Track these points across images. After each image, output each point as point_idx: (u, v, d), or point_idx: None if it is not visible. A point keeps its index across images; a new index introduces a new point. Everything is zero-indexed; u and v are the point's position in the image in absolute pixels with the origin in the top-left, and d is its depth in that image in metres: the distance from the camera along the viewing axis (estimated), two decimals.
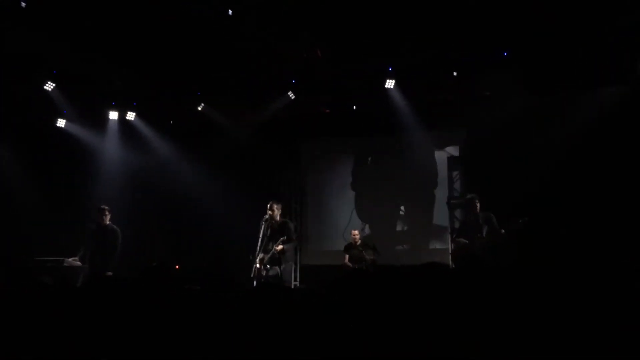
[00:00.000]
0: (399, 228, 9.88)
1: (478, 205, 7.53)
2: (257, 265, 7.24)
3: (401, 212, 10.15)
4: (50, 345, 2.09)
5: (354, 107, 9.81)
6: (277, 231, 7.39)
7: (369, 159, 10.42)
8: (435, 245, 9.45)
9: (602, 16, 7.09)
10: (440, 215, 9.66)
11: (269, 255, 7.29)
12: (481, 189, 7.81)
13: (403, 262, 8.07)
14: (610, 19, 7.11)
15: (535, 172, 8.08)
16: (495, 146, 8.67)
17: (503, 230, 7.22)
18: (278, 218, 7.51)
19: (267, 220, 7.41)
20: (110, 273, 7.30)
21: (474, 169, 9.07)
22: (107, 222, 7.82)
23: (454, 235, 8.22)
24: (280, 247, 7.27)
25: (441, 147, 9.77)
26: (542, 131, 8.30)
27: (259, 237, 7.35)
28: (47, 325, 2.17)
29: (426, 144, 9.62)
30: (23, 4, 7.31)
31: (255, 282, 7.14)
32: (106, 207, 7.87)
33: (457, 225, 8.73)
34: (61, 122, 10.00)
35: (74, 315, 2.16)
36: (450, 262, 8.03)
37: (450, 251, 8.64)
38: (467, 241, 7.42)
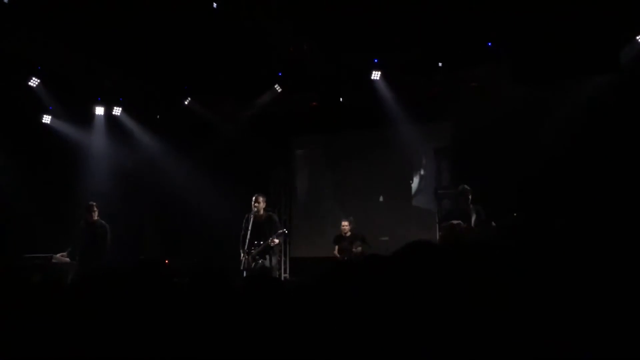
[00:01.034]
0: (386, 219, 9.91)
1: (471, 197, 7.56)
2: (246, 259, 7.29)
3: (388, 204, 10.19)
4: (38, 343, 2.09)
5: (341, 100, 9.83)
6: (263, 224, 7.45)
7: (357, 151, 10.45)
8: (423, 235, 9.48)
9: (587, 3, 7.14)
10: (427, 206, 9.72)
11: (258, 248, 7.33)
12: (468, 180, 7.86)
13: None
14: (596, 6, 7.15)
15: (523, 163, 8.12)
16: (482, 137, 8.69)
17: (494, 223, 7.25)
18: (262, 211, 7.56)
19: (253, 213, 7.46)
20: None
21: (461, 160, 9.13)
22: (96, 218, 7.80)
23: (441, 224, 8.26)
24: (277, 240, 7.38)
25: (429, 138, 9.81)
26: (530, 122, 8.35)
27: (244, 230, 7.41)
28: (35, 323, 2.17)
29: (413, 135, 9.65)
30: (5, 0, 7.24)
31: (245, 274, 7.18)
32: (94, 204, 7.85)
33: None
34: (47, 119, 9.93)
35: (62, 311, 2.17)
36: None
37: (437, 241, 8.69)
38: (457, 221, 7.40)
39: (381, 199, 10.22)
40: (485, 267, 1.82)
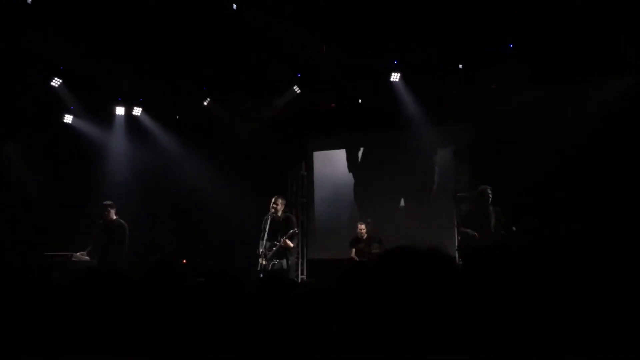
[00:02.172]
0: (404, 222, 9.84)
1: (490, 197, 7.49)
2: (262, 261, 7.30)
3: (406, 206, 10.13)
4: (51, 341, 2.09)
5: (360, 102, 9.82)
6: (281, 225, 7.45)
7: (375, 152, 10.41)
8: (442, 238, 9.40)
9: (608, 6, 7.02)
10: (446, 208, 9.63)
11: (275, 249, 7.34)
12: (488, 182, 7.78)
13: None
14: (616, 8, 7.04)
15: (543, 166, 8.03)
16: (501, 140, 8.63)
17: (514, 228, 7.16)
18: (280, 213, 7.56)
19: (270, 214, 7.46)
20: None
21: (480, 162, 9.04)
22: (114, 218, 7.84)
23: (459, 225, 8.21)
24: (290, 243, 7.37)
25: (447, 140, 9.73)
26: (548, 124, 8.27)
27: (263, 231, 7.43)
28: (48, 320, 2.17)
29: (432, 137, 9.59)
30: (29, 1, 7.34)
31: (261, 276, 7.18)
32: (108, 203, 7.88)
33: None
34: (68, 118, 10.07)
35: (73, 311, 2.16)
36: (457, 255, 7.97)
37: (456, 244, 8.63)
38: (475, 233, 7.37)
39: (402, 203, 10.16)
40: (478, 272, 1.78)
